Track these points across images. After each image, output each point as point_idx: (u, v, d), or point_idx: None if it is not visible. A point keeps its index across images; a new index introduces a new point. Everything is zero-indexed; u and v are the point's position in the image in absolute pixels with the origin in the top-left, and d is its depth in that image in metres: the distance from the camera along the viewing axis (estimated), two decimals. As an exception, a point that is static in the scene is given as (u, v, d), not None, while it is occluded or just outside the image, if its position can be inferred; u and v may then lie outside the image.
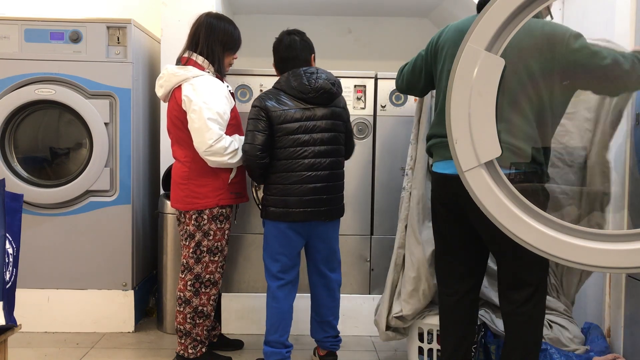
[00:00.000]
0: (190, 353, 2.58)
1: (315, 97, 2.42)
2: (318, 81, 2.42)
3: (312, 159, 2.41)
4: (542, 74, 1.88)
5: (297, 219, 2.43)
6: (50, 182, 3.07)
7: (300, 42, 2.49)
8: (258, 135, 2.38)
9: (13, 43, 3.00)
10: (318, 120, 2.43)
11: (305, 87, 2.41)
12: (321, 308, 2.61)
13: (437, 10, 3.88)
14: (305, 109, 2.42)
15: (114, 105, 3.05)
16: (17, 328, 1.87)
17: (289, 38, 2.49)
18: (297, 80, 2.42)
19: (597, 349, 2.32)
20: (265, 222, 2.54)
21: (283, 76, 2.48)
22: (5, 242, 1.80)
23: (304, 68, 2.46)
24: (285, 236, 2.47)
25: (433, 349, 2.48)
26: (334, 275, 2.61)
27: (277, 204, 2.43)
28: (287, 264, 2.51)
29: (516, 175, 1.86)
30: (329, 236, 2.56)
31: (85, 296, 3.09)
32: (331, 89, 2.44)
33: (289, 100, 2.42)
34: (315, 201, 2.43)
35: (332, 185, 2.47)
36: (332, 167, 2.46)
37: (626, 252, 1.48)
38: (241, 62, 2.87)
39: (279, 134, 2.40)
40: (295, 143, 2.40)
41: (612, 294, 2.44)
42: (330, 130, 2.46)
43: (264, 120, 2.39)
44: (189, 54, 2.52)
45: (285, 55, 2.49)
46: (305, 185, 2.41)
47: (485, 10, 1.60)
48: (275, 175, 2.44)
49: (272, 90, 2.48)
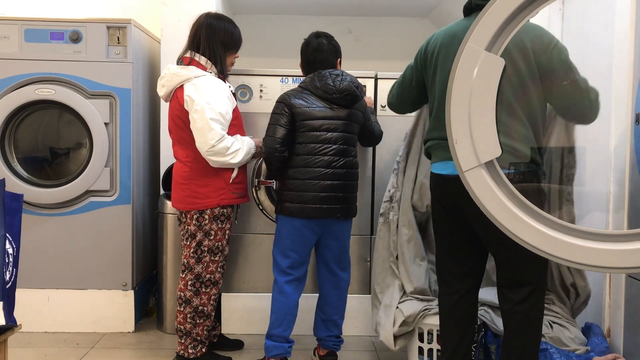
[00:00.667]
0: (190, 353, 2.58)
1: (339, 98, 2.47)
2: (343, 83, 2.46)
3: (332, 156, 2.46)
4: (530, 76, 1.90)
5: (312, 216, 2.45)
6: (50, 182, 3.07)
7: (327, 46, 2.54)
8: (279, 128, 2.43)
9: (13, 43, 3.00)
10: (340, 120, 2.48)
11: (330, 88, 2.45)
12: (328, 306, 2.62)
13: (437, 10, 3.88)
14: (329, 108, 2.47)
15: (114, 105, 3.05)
16: (17, 328, 1.87)
17: (317, 41, 2.54)
18: (322, 81, 2.48)
19: (597, 349, 2.32)
20: (278, 217, 2.56)
21: (308, 77, 2.54)
22: (5, 242, 1.80)
23: (329, 70, 2.51)
24: (299, 233, 2.49)
25: (433, 349, 2.48)
26: (344, 275, 2.64)
27: (293, 199, 2.46)
28: (297, 261, 2.52)
29: (515, 176, 1.87)
30: (342, 235, 2.59)
31: (85, 296, 3.09)
32: (355, 91, 2.49)
33: (314, 100, 2.47)
34: (331, 198, 2.46)
35: (348, 184, 2.52)
36: (348, 166, 2.51)
37: (626, 252, 1.48)
38: (241, 62, 2.86)
39: (302, 129, 2.45)
40: (317, 140, 2.45)
41: (612, 294, 2.44)
42: (348, 132, 2.51)
43: (286, 115, 2.44)
44: (192, 54, 2.52)
45: (312, 58, 2.54)
46: (323, 181, 2.44)
47: (485, 10, 1.60)
48: (293, 170, 2.47)
49: (297, 89, 2.53)
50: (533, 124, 1.94)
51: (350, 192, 2.54)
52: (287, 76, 3.06)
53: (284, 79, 3.07)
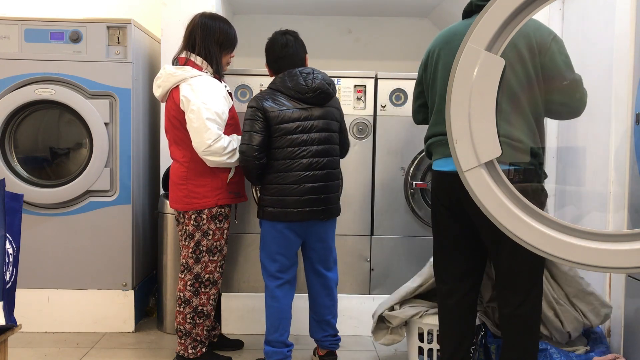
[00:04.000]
0: (190, 353, 2.57)
1: (312, 97, 2.42)
2: (315, 81, 2.42)
3: (310, 158, 2.42)
4: (534, 70, 1.91)
5: (295, 219, 2.43)
6: (50, 182, 3.07)
7: (295, 42, 2.50)
8: (255, 135, 2.38)
9: (13, 43, 3.00)
10: (315, 120, 2.43)
11: (302, 87, 2.41)
12: (319, 307, 2.61)
13: (437, 10, 3.88)
14: (302, 108, 2.43)
15: (114, 105, 3.05)
16: (17, 328, 1.87)
17: (284, 38, 2.50)
18: (293, 80, 2.43)
19: (597, 349, 2.32)
20: (262, 222, 2.54)
21: (278, 77, 2.48)
22: (5, 242, 1.80)
23: (299, 68, 2.46)
24: (282, 236, 2.47)
25: (433, 349, 2.48)
26: (331, 274, 2.62)
27: (275, 204, 2.43)
28: (285, 264, 2.51)
29: (515, 174, 1.87)
30: (326, 235, 2.56)
31: (85, 296, 3.09)
32: (327, 89, 2.46)
33: (286, 101, 2.42)
34: (313, 201, 2.43)
35: (329, 184, 2.48)
36: (329, 166, 2.47)
37: (626, 252, 1.48)
38: (241, 62, 2.87)
39: (277, 134, 2.40)
40: (294, 143, 2.40)
41: (612, 294, 2.44)
42: (326, 130, 2.47)
43: (261, 121, 2.39)
44: (187, 54, 2.52)
45: (281, 55, 2.48)
46: (303, 184, 2.41)
47: (485, 10, 1.60)
48: (272, 175, 2.44)
49: (267, 91, 2.48)
50: (536, 120, 1.94)
51: (332, 193, 2.50)
52: (287, 76, 3.06)
53: (284, 79, 3.06)
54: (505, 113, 1.79)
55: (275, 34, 2.54)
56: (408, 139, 3.06)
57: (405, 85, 3.07)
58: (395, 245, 3.12)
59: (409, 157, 3.07)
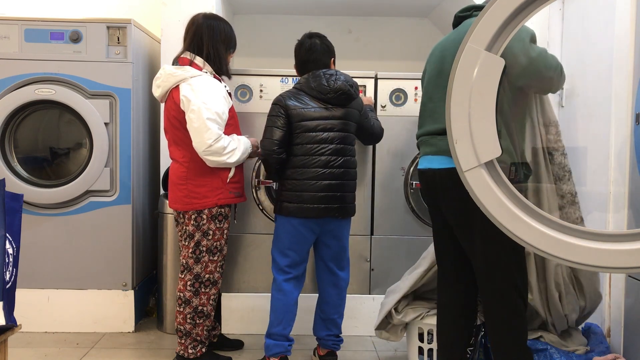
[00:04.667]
0: (190, 353, 2.57)
1: (334, 97, 2.48)
2: (337, 82, 2.48)
3: (329, 156, 2.47)
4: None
5: (310, 215, 2.46)
6: (50, 182, 3.07)
7: (320, 46, 2.56)
8: (276, 130, 2.45)
9: (13, 43, 3.00)
10: (336, 120, 2.49)
11: (324, 88, 2.47)
12: (327, 306, 2.62)
13: (437, 10, 3.88)
14: (324, 108, 2.49)
15: (114, 105, 3.05)
16: (17, 328, 1.87)
17: (309, 41, 2.56)
18: (316, 81, 2.49)
19: (597, 349, 2.32)
20: (277, 217, 2.57)
21: (303, 77, 2.55)
22: (5, 242, 1.80)
23: (323, 70, 2.53)
24: (297, 232, 2.50)
25: (433, 349, 2.48)
26: (343, 274, 2.64)
27: (292, 199, 2.47)
28: (295, 260, 2.54)
29: (511, 171, 1.90)
30: (341, 234, 2.59)
31: (85, 296, 3.09)
32: (349, 90, 2.50)
33: (309, 100, 2.49)
34: (329, 198, 2.47)
35: (346, 183, 2.53)
36: (346, 165, 2.52)
37: (626, 252, 1.48)
38: (241, 62, 2.87)
39: (298, 130, 2.46)
40: (313, 140, 2.46)
41: (612, 294, 2.44)
42: (344, 131, 2.52)
43: (282, 117, 2.46)
44: (192, 56, 2.52)
45: (305, 59, 2.56)
46: (320, 181, 2.45)
47: (485, 10, 1.60)
48: (291, 170, 2.49)
49: (292, 90, 2.55)
50: (513, 117, 1.96)
51: (348, 191, 2.54)
52: (287, 76, 3.06)
53: (283, 79, 3.07)
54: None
55: (302, 37, 2.61)
56: (408, 139, 3.06)
57: (405, 85, 3.07)
58: (395, 245, 3.12)
59: (409, 157, 3.08)
